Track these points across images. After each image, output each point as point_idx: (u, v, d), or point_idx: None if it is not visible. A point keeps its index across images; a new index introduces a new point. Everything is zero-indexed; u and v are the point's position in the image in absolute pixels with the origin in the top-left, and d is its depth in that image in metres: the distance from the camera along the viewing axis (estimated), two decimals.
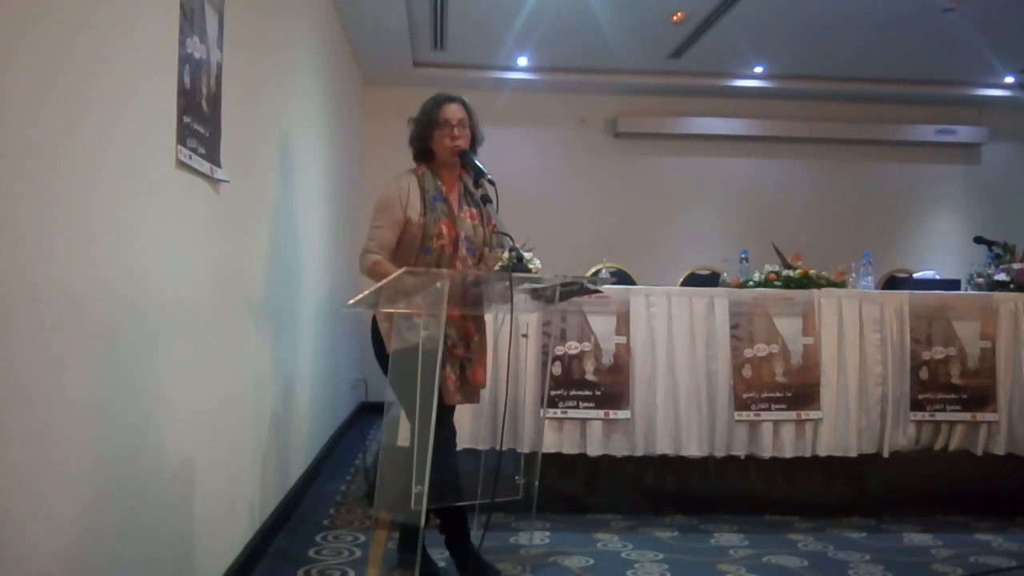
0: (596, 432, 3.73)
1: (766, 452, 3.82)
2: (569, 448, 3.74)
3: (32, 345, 1.44)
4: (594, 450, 3.74)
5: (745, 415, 3.81)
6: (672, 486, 3.85)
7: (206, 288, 2.43)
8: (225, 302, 2.64)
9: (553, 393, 3.70)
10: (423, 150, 2.82)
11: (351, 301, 2.35)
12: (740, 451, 3.83)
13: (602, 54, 6.36)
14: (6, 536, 1.37)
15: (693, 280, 5.49)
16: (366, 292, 2.29)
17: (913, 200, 7.51)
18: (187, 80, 2.16)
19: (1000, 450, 3.95)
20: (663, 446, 3.77)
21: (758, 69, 6.84)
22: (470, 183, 2.80)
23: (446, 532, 2.84)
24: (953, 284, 4.63)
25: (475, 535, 2.76)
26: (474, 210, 2.80)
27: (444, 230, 2.71)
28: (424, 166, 2.82)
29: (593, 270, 5.42)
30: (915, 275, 5.34)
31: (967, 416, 3.94)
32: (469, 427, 3.67)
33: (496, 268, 3.07)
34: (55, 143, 1.52)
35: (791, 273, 4.05)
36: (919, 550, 3.38)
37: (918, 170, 7.52)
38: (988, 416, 3.95)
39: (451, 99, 2.78)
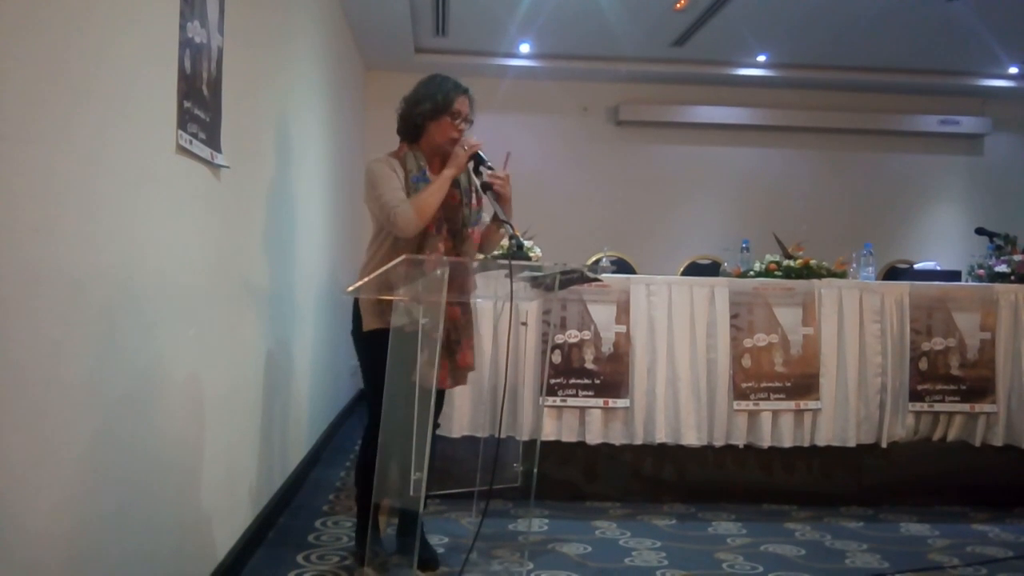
0: (595, 420, 3.74)
1: (765, 442, 3.83)
2: (568, 436, 3.75)
3: (31, 330, 1.44)
4: (593, 438, 3.74)
5: (744, 405, 3.82)
6: (670, 475, 3.86)
7: (206, 274, 2.42)
8: (225, 288, 2.64)
9: (552, 381, 3.70)
10: (418, 127, 2.73)
11: (350, 288, 2.35)
12: (739, 440, 3.84)
13: (605, 41, 6.34)
14: (3, 523, 1.37)
15: (694, 269, 5.49)
16: (365, 280, 2.29)
17: (915, 191, 7.49)
18: (188, 65, 2.15)
19: (998, 441, 3.95)
20: (662, 435, 3.77)
21: (761, 58, 6.81)
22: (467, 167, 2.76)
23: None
24: (954, 275, 4.63)
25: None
26: (456, 191, 2.73)
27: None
28: (407, 148, 2.76)
29: (594, 258, 5.41)
30: (916, 266, 5.33)
31: (966, 407, 3.95)
32: (468, 414, 3.68)
33: (495, 255, 3.06)
34: (56, 128, 1.51)
35: (792, 263, 4.04)
36: (916, 540, 3.40)
37: (920, 160, 7.50)
38: (987, 407, 3.95)
39: (467, 92, 2.74)
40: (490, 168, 2.64)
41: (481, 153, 2.67)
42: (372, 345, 2.64)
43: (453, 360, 2.69)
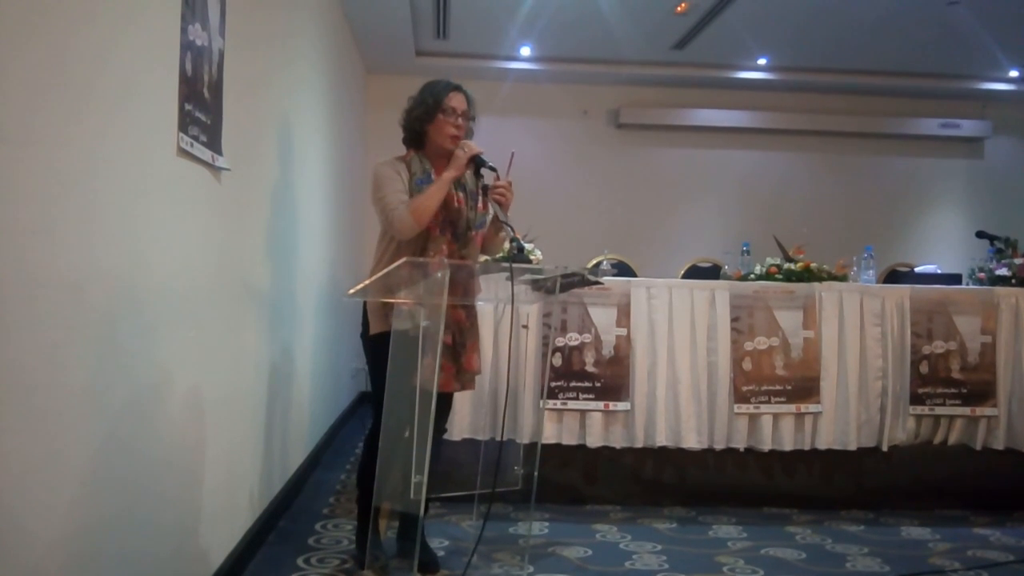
0: (596, 423, 3.74)
1: (765, 445, 3.82)
2: (568, 439, 3.75)
3: (31, 333, 1.44)
4: (593, 441, 3.74)
5: (745, 408, 3.82)
6: (671, 478, 3.86)
7: (207, 276, 2.42)
8: (226, 290, 2.64)
9: (553, 384, 3.70)
10: (419, 132, 2.76)
11: (351, 291, 2.34)
12: (739, 444, 3.83)
13: (605, 45, 6.34)
14: (3, 525, 1.37)
15: (694, 272, 5.48)
16: (366, 282, 2.29)
17: (916, 194, 7.50)
18: (189, 67, 2.15)
19: (999, 445, 3.95)
20: (662, 438, 3.77)
21: (761, 61, 6.81)
22: (468, 170, 2.77)
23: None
24: (955, 278, 4.63)
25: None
26: (461, 193, 2.74)
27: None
28: (413, 152, 2.78)
29: (594, 261, 5.41)
30: (916, 269, 5.33)
31: (966, 411, 3.95)
32: (469, 417, 3.68)
33: (496, 258, 3.06)
34: (57, 130, 1.51)
35: (792, 266, 4.04)
36: (917, 543, 3.39)
37: (921, 164, 7.50)
38: (987, 411, 3.95)
39: (459, 88, 2.76)
40: (492, 168, 2.65)
41: (483, 156, 2.67)
42: (377, 349, 2.63)
43: (459, 364, 2.69)
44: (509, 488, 2.58)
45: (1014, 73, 6.89)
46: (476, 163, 2.66)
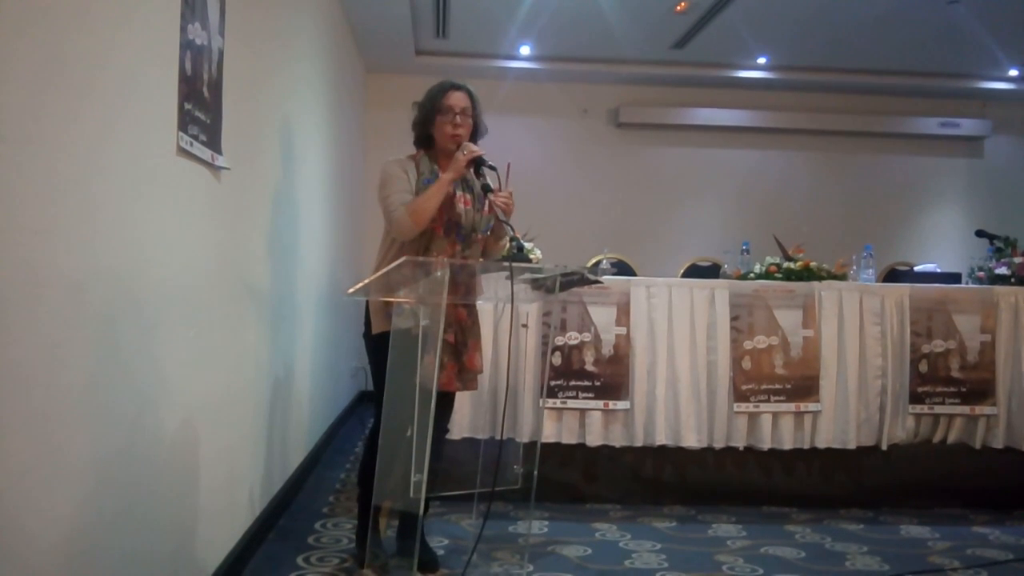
0: (595, 422, 3.74)
1: (765, 444, 3.83)
2: (568, 438, 3.75)
3: (31, 333, 1.44)
4: (593, 440, 3.74)
5: (744, 407, 3.82)
6: (671, 477, 3.86)
7: (206, 276, 2.42)
8: (225, 290, 2.64)
9: (553, 383, 3.70)
10: (424, 135, 2.80)
11: (351, 290, 2.35)
12: (739, 443, 3.84)
13: (605, 44, 6.34)
14: (3, 525, 1.37)
15: (694, 271, 5.49)
16: (366, 281, 2.30)
17: (915, 193, 7.50)
18: (188, 67, 2.15)
19: (998, 443, 3.95)
20: (662, 437, 3.77)
21: (761, 60, 6.81)
22: (470, 171, 2.78)
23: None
24: (954, 277, 4.63)
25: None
26: (468, 195, 2.76)
27: (436, 213, 2.69)
28: (422, 152, 2.81)
29: (594, 261, 5.42)
30: (916, 268, 5.33)
31: (966, 409, 3.95)
32: (468, 416, 3.68)
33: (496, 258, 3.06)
34: (56, 130, 1.51)
35: (792, 265, 4.04)
36: (916, 542, 3.40)
37: (921, 163, 7.50)
38: (987, 410, 3.95)
39: (456, 87, 2.77)
40: (492, 168, 2.65)
41: (483, 157, 2.67)
42: (379, 348, 2.63)
43: (461, 362, 2.69)
44: (509, 487, 2.58)
45: (1014, 72, 6.89)
46: (477, 163, 2.66)
